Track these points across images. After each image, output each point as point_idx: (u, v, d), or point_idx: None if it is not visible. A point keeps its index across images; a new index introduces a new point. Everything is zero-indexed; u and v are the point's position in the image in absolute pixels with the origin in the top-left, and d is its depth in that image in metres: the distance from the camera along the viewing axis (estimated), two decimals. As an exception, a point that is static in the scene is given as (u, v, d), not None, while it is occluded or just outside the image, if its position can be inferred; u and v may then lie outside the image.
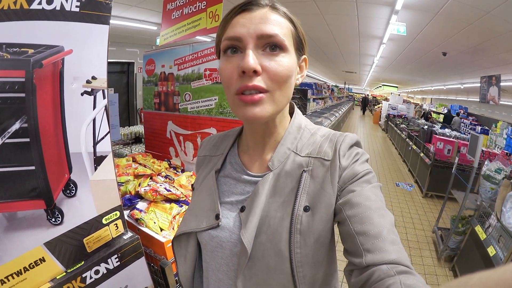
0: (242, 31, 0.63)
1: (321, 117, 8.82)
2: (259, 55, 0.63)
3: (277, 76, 0.63)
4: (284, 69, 0.64)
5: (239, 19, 0.65)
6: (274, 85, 0.64)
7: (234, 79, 0.64)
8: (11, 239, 0.95)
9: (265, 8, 0.65)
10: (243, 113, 0.64)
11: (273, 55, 0.64)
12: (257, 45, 0.63)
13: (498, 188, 3.00)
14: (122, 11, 5.80)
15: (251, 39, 0.62)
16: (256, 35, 0.62)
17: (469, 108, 12.52)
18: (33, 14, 0.89)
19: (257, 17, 0.64)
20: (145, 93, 2.89)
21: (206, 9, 2.23)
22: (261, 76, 0.63)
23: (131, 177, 2.08)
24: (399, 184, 6.71)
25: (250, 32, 0.62)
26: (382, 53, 9.66)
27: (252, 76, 0.62)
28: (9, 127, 0.89)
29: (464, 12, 4.60)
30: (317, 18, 6.48)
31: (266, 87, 0.63)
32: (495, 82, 8.45)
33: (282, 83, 0.65)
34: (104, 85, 1.14)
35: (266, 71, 0.63)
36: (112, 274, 1.21)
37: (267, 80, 0.63)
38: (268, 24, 0.63)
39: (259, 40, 0.63)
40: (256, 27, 0.63)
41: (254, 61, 0.61)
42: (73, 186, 1.11)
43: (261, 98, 0.63)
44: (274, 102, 0.66)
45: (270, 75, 0.63)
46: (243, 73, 0.62)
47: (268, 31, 0.62)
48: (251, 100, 0.63)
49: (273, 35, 0.63)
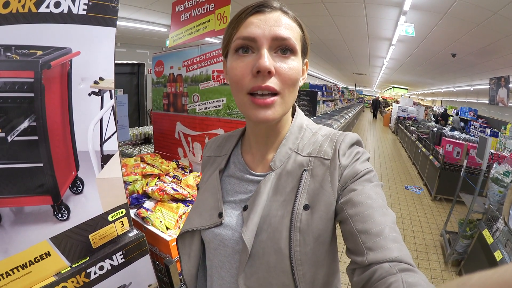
0: (257, 31, 0.64)
1: (331, 119, 8.77)
2: (272, 57, 0.65)
3: (288, 79, 0.65)
4: (294, 72, 0.66)
5: (253, 19, 0.66)
6: (284, 87, 0.66)
7: (247, 78, 0.65)
8: (18, 232, 0.98)
9: (278, 12, 0.67)
10: (255, 115, 0.66)
11: (285, 58, 0.66)
12: (270, 46, 0.65)
13: (506, 191, 2.94)
14: (132, 13, 5.85)
15: (265, 40, 0.64)
16: (271, 36, 0.64)
17: (478, 110, 12.32)
18: (41, 17, 0.92)
19: (271, 19, 0.65)
20: (154, 94, 2.92)
21: (214, 11, 2.24)
22: (274, 77, 0.64)
23: (139, 176, 2.10)
24: (408, 187, 6.63)
25: (265, 34, 0.64)
26: (392, 54, 9.58)
27: (266, 77, 0.63)
28: (18, 125, 0.92)
29: (472, 13, 4.55)
30: (326, 20, 6.47)
31: (278, 89, 0.64)
32: (504, 83, 8.31)
33: (292, 86, 0.67)
34: (111, 85, 1.16)
35: (278, 73, 0.64)
36: (116, 270, 1.23)
37: (278, 82, 0.65)
38: (282, 27, 0.65)
39: (273, 42, 0.64)
40: (271, 29, 0.64)
41: (270, 62, 0.62)
42: (80, 183, 1.14)
43: (273, 101, 0.65)
44: (284, 104, 0.67)
45: (281, 78, 0.65)
46: (257, 73, 0.63)
47: (282, 34, 0.64)
48: (264, 103, 0.64)
49: (287, 39, 0.65)
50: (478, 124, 10.71)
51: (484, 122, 11.08)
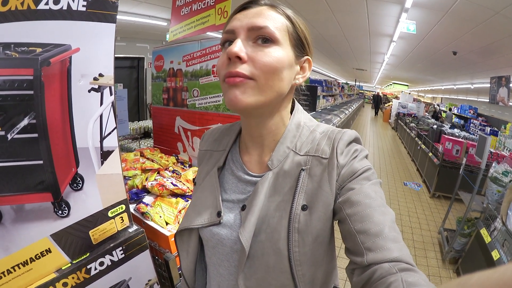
0: (236, 24, 0.67)
1: (330, 114, 8.76)
2: (248, 45, 0.65)
3: (263, 65, 0.64)
4: (271, 59, 0.64)
5: (237, 15, 0.68)
6: (260, 73, 0.64)
7: (223, 67, 0.66)
8: (18, 230, 0.98)
9: (263, 6, 0.68)
10: (227, 97, 0.65)
11: (264, 47, 0.65)
12: (248, 36, 0.65)
13: (504, 191, 2.95)
14: (132, 7, 5.82)
15: (242, 30, 0.66)
16: (248, 27, 0.65)
17: (479, 108, 12.31)
18: (40, 14, 0.91)
19: (252, 13, 0.67)
20: (154, 88, 2.91)
21: (215, 6, 2.23)
22: (247, 64, 0.64)
23: (139, 171, 2.10)
24: (407, 183, 6.65)
25: (243, 25, 0.66)
26: (393, 51, 9.56)
27: (236, 62, 0.63)
28: (18, 123, 0.92)
29: (474, 11, 4.53)
30: (327, 16, 6.44)
31: (250, 75, 0.63)
32: (505, 83, 8.29)
33: (269, 74, 0.65)
34: (111, 82, 1.16)
35: (252, 60, 0.64)
36: (116, 266, 1.23)
37: (252, 69, 0.64)
38: (259, 18, 0.65)
39: (250, 32, 0.65)
40: (249, 20, 0.66)
41: (238, 48, 0.63)
42: (80, 180, 1.14)
43: (242, 81, 0.63)
44: (258, 91, 0.65)
45: (255, 64, 0.64)
46: (229, 60, 0.64)
47: (258, 23, 0.65)
48: (233, 81, 0.63)
49: (263, 27, 0.64)
50: (478, 123, 10.70)
51: (484, 121, 11.07)
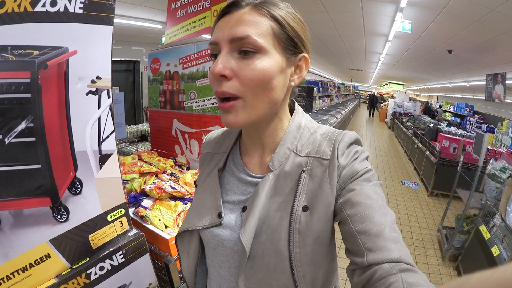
0: (218, 35, 0.63)
1: (327, 114, 8.79)
2: (233, 58, 0.62)
3: (249, 81, 0.61)
4: (256, 73, 0.61)
5: (219, 23, 0.65)
6: (246, 90, 0.62)
7: (213, 84, 0.64)
8: (17, 235, 0.97)
9: (245, 8, 0.63)
10: (222, 118, 0.66)
11: (247, 59, 0.62)
12: (232, 48, 0.62)
13: (503, 187, 2.96)
14: (127, 10, 5.80)
15: (224, 43, 0.62)
16: (229, 38, 0.61)
17: (475, 106, 12.36)
18: (37, 16, 0.91)
19: (232, 20, 0.62)
20: (151, 91, 2.90)
21: (210, 8, 2.23)
22: (233, 81, 0.61)
23: (137, 175, 2.10)
24: (405, 182, 6.67)
25: (224, 36, 0.62)
26: (388, 50, 9.57)
27: (221, 81, 0.61)
28: (15, 126, 0.91)
29: (469, 9, 4.54)
30: (322, 15, 6.43)
31: (236, 93, 0.62)
32: (501, 80, 8.32)
33: (257, 88, 0.63)
34: (109, 84, 1.15)
35: (237, 76, 0.61)
36: (116, 270, 1.22)
37: (238, 86, 0.62)
38: (240, 27, 0.61)
39: (232, 44, 0.62)
40: (229, 30, 0.61)
41: (221, 66, 0.60)
42: (79, 184, 1.13)
43: (231, 106, 0.63)
44: (249, 108, 0.64)
45: (241, 81, 0.61)
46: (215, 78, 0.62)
47: (238, 34, 0.60)
48: (223, 107, 0.63)
49: (244, 37, 0.60)
50: (475, 120, 10.75)
51: (480, 118, 11.12)
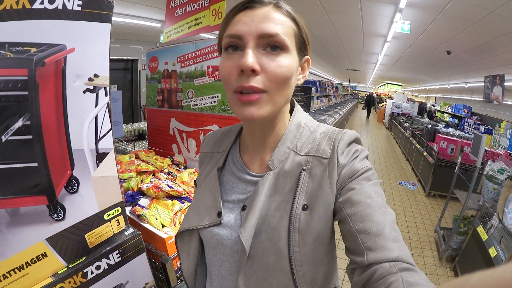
0: (243, 29, 0.62)
1: (325, 114, 8.80)
2: (259, 54, 0.62)
3: (276, 77, 0.63)
4: (283, 70, 0.63)
5: (241, 16, 0.64)
6: (272, 85, 0.63)
7: (233, 77, 0.63)
8: (14, 234, 0.96)
9: (268, 7, 0.64)
10: (241, 112, 0.64)
11: (273, 55, 0.63)
12: (258, 44, 0.62)
13: (500, 188, 2.97)
14: (126, 8, 5.79)
15: (251, 37, 0.62)
16: (257, 34, 0.61)
17: (473, 107, 12.40)
18: (35, 13, 0.90)
19: (259, 16, 0.63)
20: (149, 90, 2.89)
21: (209, 7, 2.22)
22: (260, 75, 0.62)
23: (134, 173, 2.09)
24: (402, 183, 6.69)
25: (251, 31, 0.61)
26: (386, 51, 9.61)
27: (250, 75, 0.61)
28: (12, 124, 0.90)
29: (468, 11, 4.56)
30: (321, 16, 6.45)
31: (264, 88, 0.62)
32: (499, 81, 8.33)
33: (281, 84, 0.64)
34: (106, 82, 1.15)
35: (265, 71, 0.62)
36: (113, 269, 1.21)
37: (265, 81, 0.62)
38: (269, 23, 0.62)
39: (260, 39, 0.62)
40: (257, 25, 0.62)
41: (252, 60, 0.60)
42: (75, 182, 1.12)
43: (257, 98, 0.62)
44: (271, 102, 0.65)
45: (268, 76, 0.62)
46: (242, 72, 0.61)
47: (269, 31, 0.61)
48: (247, 100, 0.62)
49: (274, 35, 0.62)
50: (472, 121, 10.78)
51: (478, 120, 11.16)
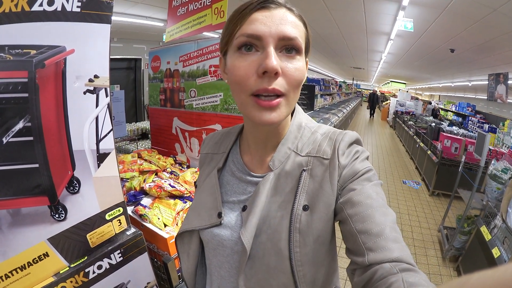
0: (263, 29, 0.61)
1: (328, 113, 8.79)
2: (278, 56, 0.61)
3: (294, 80, 0.63)
4: (300, 73, 0.64)
5: (257, 15, 0.62)
6: (290, 88, 0.63)
7: (252, 79, 0.61)
8: (16, 234, 0.97)
9: (283, 8, 0.64)
10: (259, 117, 0.63)
11: (291, 58, 0.63)
12: (276, 45, 0.61)
13: (504, 188, 2.95)
14: (128, 8, 5.79)
15: (272, 39, 0.60)
16: (278, 36, 0.61)
17: (477, 106, 12.32)
18: (34, 15, 0.90)
19: (277, 17, 0.62)
20: (151, 89, 2.91)
21: (211, 6, 2.22)
22: (280, 78, 0.61)
23: (136, 173, 2.10)
24: (406, 181, 6.66)
25: (272, 32, 0.60)
26: (390, 49, 9.54)
27: (272, 78, 0.60)
28: (13, 126, 0.91)
29: (472, 9, 4.52)
30: (324, 14, 6.42)
31: (283, 90, 0.62)
32: (503, 80, 8.25)
33: (297, 87, 0.65)
34: (107, 83, 1.15)
35: (284, 74, 0.62)
36: (115, 269, 1.22)
37: (284, 84, 0.62)
38: (288, 26, 0.62)
39: (279, 41, 0.61)
40: (277, 27, 0.61)
41: (277, 62, 0.59)
42: (77, 183, 1.13)
43: (278, 103, 0.62)
44: (288, 106, 0.65)
45: (288, 79, 0.62)
46: (263, 74, 0.60)
47: (289, 34, 0.61)
48: (269, 105, 0.61)
49: (294, 38, 0.62)
50: (476, 120, 10.71)
51: (482, 118, 11.07)
